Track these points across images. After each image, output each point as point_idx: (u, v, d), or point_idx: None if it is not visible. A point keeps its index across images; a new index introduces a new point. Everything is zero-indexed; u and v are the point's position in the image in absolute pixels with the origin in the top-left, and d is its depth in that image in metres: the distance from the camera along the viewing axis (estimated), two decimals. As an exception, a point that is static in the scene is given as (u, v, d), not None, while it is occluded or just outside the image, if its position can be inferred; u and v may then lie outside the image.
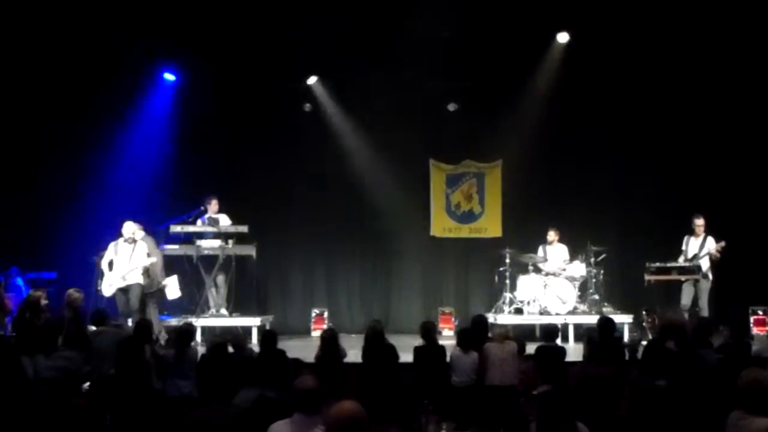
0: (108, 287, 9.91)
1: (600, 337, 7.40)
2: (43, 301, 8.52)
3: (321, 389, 4.21)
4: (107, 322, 8.05)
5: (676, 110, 11.97)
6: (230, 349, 7.23)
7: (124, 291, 9.90)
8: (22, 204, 11.57)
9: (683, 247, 10.79)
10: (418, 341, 7.59)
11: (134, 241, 10.02)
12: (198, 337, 9.83)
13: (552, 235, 11.66)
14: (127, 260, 9.93)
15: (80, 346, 6.83)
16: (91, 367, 6.88)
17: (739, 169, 11.87)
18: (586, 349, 7.34)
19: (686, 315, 10.10)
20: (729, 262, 10.70)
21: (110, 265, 10.00)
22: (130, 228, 10.02)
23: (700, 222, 10.68)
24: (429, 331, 7.61)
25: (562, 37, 11.72)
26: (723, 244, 10.49)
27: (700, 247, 10.64)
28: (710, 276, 10.60)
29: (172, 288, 10.39)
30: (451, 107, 12.41)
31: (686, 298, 10.49)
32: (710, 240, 10.64)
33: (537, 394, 5.93)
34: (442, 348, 7.48)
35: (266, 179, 12.38)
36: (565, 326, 10.80)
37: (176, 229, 10.69)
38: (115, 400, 5.85)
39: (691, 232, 10.77)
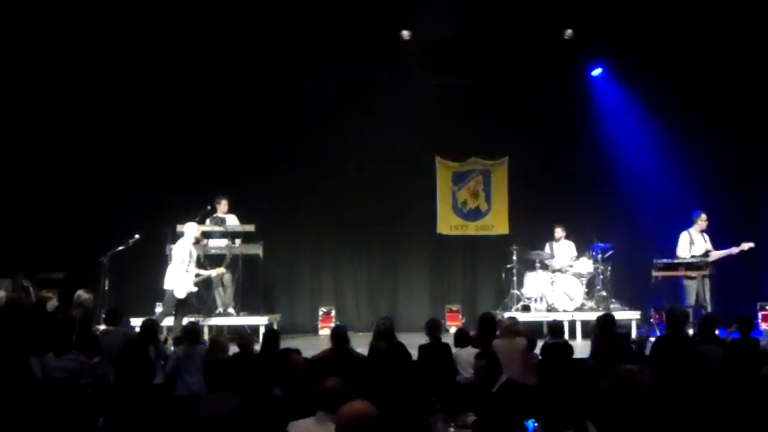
0: (185, 287, 9.95)
1: (600, 334, 7.40)
2: (54, 302, 8.52)
3: (345, 389, 4.23)
4: (118, 322, 8.08)
5: (681, 106, 11.94)
6: (236, 349, 7.27)
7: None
8: (29, 204, 11.62)
9: (689, 244, 10.72)
10: (425, 339, 7.62)
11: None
12: (206, 336, 9.86)
13: (559, 232, 11.67)
14: (195, 263, 10.18)
15: (90, 347, 6.86)
16: (99, 368, 6.93)
17: (745, 165, 11.85)
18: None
19: (691, 312, 10.09)
20: (737, 259, 10.68)
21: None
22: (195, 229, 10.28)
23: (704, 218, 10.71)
24: (434, 329, 7.63)
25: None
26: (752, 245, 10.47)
27: (703, 242, 10.66)
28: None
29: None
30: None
31: (693, 295, 10.46)
32: (705, 236, 10.68)
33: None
34: (447, 346, 7.49)
35: (273, 178, 12.38)
36: (573, 323, 10.81)
37: (182, 228, 10.70)
38: (114, 401, 5.89)
39: (698, 228, 10.73)
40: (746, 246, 10.46)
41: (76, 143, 11.86)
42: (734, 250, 10.50)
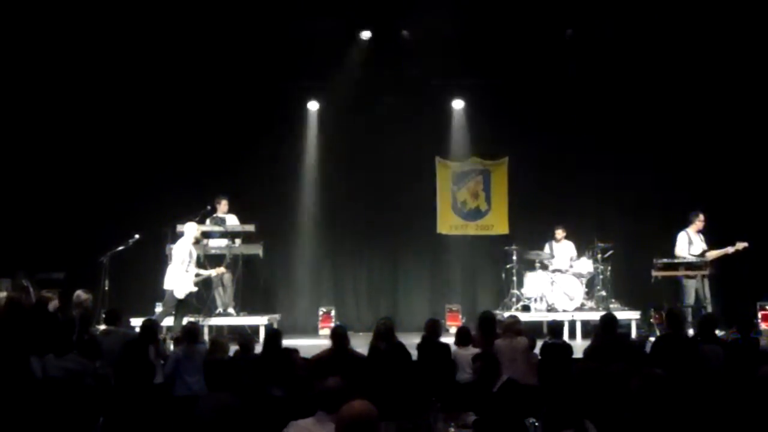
0: (185, 287, 9.94)
1: (602, 333, 7.39)
2: (55, 303, 8.52)
3: (345, 389, 4.23)
4: (118, 322, 8.07)
5: (683, 106, 11.94)
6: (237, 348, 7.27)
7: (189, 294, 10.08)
8: (29, 204, 11.62)
9: (687, 244, 10.70)
10: (424, 339, 7.64)
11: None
12: (206, 336, 9.87)
13: (560, 233, 11.68)
14: (195, 263, 10.16)
15: (89, 348, 6.86)
16: (99, 368, 6.93)
17: (746, 164, 11.84)
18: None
19: (691, 311, 10.08)
20: (737, 258, 10.68)
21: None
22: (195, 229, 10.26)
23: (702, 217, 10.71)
24: (432, 329, 7.63)
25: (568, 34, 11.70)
26: (746, 244, 10.48)
27: (701, 242, 10.67)
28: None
29: None
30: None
31: (693, 295, 10.45)
32: (701, 236, 10.71)
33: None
34: (446, 346, 7.49)
35: (273, 178, 12.38)
36: (573, 323, 10.81)
37: (182, 228, 10.70)
38: (114, 401, 5.90)
39: (695, 228, 10.72)
40: (741, 245, 10.45)
41: (75, 143, 11.85)
42: (729, 249, 10.50)
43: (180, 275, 9.85)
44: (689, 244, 10.64)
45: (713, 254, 10.55)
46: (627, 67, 11.81)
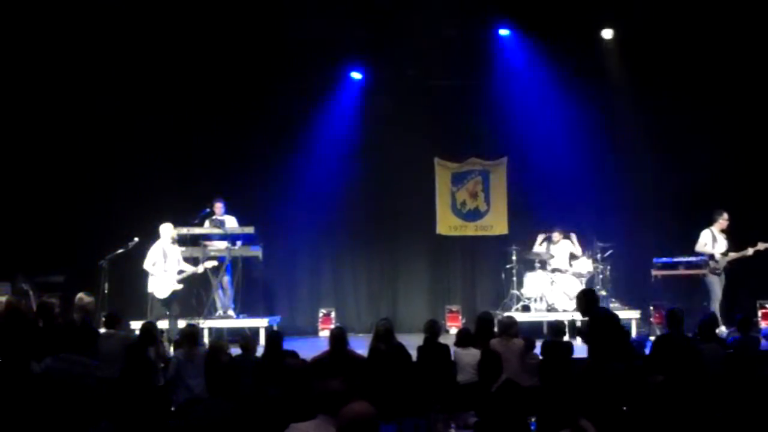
0: (165, 288, 9.95)
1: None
2: (56, 309, 8.51)
3: (346, 392, 4.23)
4: (117, 325, 8.07)
5: (681, 105, 11.93)
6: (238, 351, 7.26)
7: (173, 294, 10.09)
8: (28, 207, 11.63)
9: (712, 242, 10.67)
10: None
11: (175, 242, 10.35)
12: (205, 338, 9.86)
13: (556, 236, 11.68)
14: (176, 263, 10.16)
15: (88, 350, 6.85)
16: (98, 371, 6.92)
17: (746, 163, 11.85)
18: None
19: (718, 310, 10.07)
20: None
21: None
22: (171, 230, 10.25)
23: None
24: (432, 330, 7.64)
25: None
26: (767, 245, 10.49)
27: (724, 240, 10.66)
28: None
29: None
30: None
31: (719, 291, 10.42)
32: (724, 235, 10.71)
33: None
34: (446, 347, 7.49)
35: (272, 179, 12.38)
36: (573, 323, 10.80)
37: (182, 230, 10.70)
38: (117, 404, 5.90)
39: (719, 226, 10.70)
40: (762, 246, 10.44)
41: (74, 146, 11.84)
42: (749, 250, 10.48)
43: (157, 277, 9.86)
44: (714, 242, 10.61)
45: (733, 255, 10.55)
46: (626, 67, 11.81)
